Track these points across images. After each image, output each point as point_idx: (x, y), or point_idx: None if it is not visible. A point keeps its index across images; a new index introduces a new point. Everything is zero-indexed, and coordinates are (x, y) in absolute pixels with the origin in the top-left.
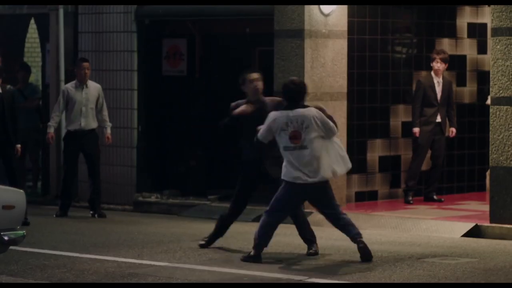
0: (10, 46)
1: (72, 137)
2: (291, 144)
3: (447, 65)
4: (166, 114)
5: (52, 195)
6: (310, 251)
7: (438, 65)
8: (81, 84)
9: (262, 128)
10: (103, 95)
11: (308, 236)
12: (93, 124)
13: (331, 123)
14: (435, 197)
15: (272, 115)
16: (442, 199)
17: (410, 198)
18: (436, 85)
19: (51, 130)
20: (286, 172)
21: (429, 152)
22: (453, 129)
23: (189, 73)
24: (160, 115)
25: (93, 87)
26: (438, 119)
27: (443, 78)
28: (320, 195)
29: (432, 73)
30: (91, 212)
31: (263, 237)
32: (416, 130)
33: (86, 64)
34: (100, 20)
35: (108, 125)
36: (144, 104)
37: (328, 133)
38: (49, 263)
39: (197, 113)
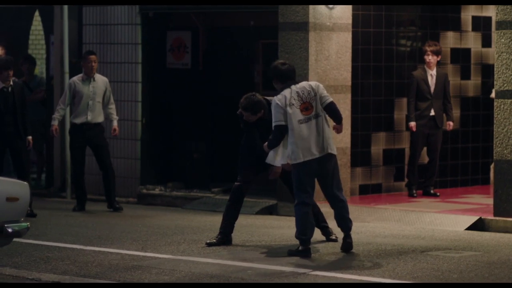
0: (14, 38)
1: (78, 130)
2: (303, 117)
3: (439, 57)
4: (170, 107)
5: (56, 187)
6: (331, 237)
7: (429, 58)
8: (88, 78)
9: (273, 114)
10: (110, 89)
11: (322, 224)
12: (100, 118)
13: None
14: (432, 191)
15: (277, 96)
16: (438, 194)
17: (414, 192)
18: (429, 78)
19: (55, 123)
20: (292, 154)
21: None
22: (450, 123)
23: (193, 65)
24: (164, 108)
25: (101, 81)
26: (432, 113)
27: (437, 71)
28: (329, 167)
29: (425, 66)
30: (108, 205)
31: (303, 229)
32: (413, 124)
33: (93, 57)
34: (104, 12)
35: (115, 118)
36: (148, 96)
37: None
38: (53, 255)
39: (201, 106)
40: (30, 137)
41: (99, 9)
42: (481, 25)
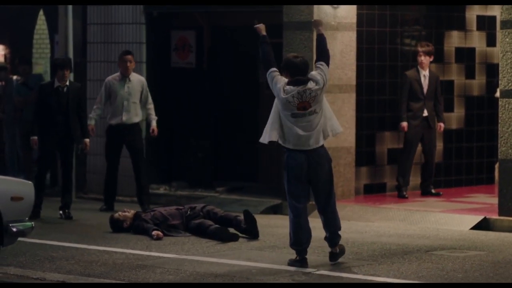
0: (19, 37)
1: (115, 131)
2: (297, 111)
3: (432, 57)
4: (174, 106)
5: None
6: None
7: (421, 58)
8: (124, 77)
9: (273, 79)
10: (147, 88)
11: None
12: (136, 118)
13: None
14: (433, 191)
15: (284, 79)
16: (440, 193)
17: (405, 193)
18: (422, 79)
19: (92, 122)
20: (280, 138)
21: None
22: (441, 124)
23: (197, 65)
24: (168, 107)
25: (137, 80)
26: (425, 113)
27: (429, 72)
28: (321, 160)
29: (418, 66)
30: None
31: (296, 239)
32: (404, 124)
33: (129, 57)
34: (108, 11)
35: (154, 118)
36: (152, 96)
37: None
38: (58, 254)
39: (205, 105)
40: (87, 140)
41: (103, 8)
42: (486, 24)
